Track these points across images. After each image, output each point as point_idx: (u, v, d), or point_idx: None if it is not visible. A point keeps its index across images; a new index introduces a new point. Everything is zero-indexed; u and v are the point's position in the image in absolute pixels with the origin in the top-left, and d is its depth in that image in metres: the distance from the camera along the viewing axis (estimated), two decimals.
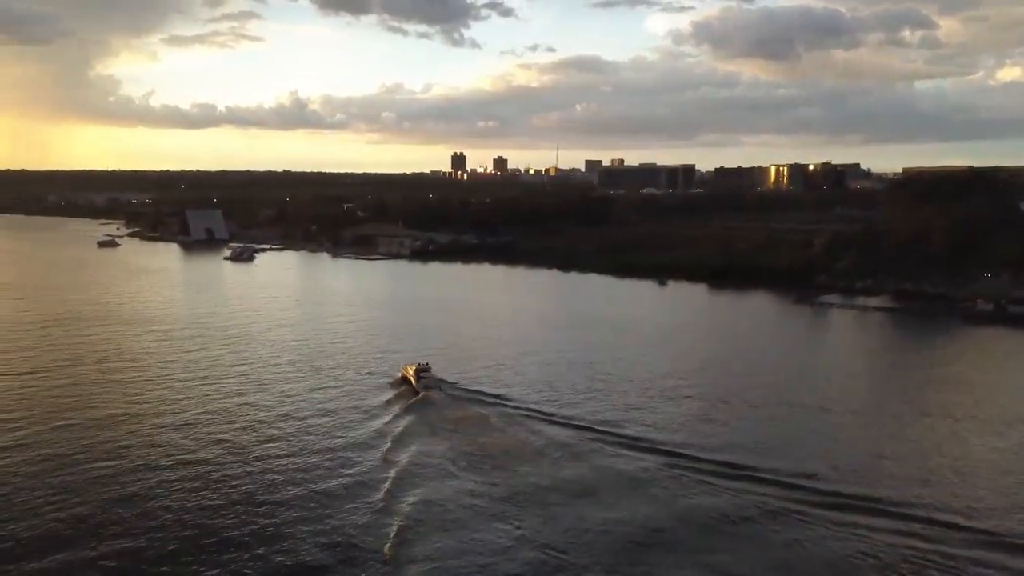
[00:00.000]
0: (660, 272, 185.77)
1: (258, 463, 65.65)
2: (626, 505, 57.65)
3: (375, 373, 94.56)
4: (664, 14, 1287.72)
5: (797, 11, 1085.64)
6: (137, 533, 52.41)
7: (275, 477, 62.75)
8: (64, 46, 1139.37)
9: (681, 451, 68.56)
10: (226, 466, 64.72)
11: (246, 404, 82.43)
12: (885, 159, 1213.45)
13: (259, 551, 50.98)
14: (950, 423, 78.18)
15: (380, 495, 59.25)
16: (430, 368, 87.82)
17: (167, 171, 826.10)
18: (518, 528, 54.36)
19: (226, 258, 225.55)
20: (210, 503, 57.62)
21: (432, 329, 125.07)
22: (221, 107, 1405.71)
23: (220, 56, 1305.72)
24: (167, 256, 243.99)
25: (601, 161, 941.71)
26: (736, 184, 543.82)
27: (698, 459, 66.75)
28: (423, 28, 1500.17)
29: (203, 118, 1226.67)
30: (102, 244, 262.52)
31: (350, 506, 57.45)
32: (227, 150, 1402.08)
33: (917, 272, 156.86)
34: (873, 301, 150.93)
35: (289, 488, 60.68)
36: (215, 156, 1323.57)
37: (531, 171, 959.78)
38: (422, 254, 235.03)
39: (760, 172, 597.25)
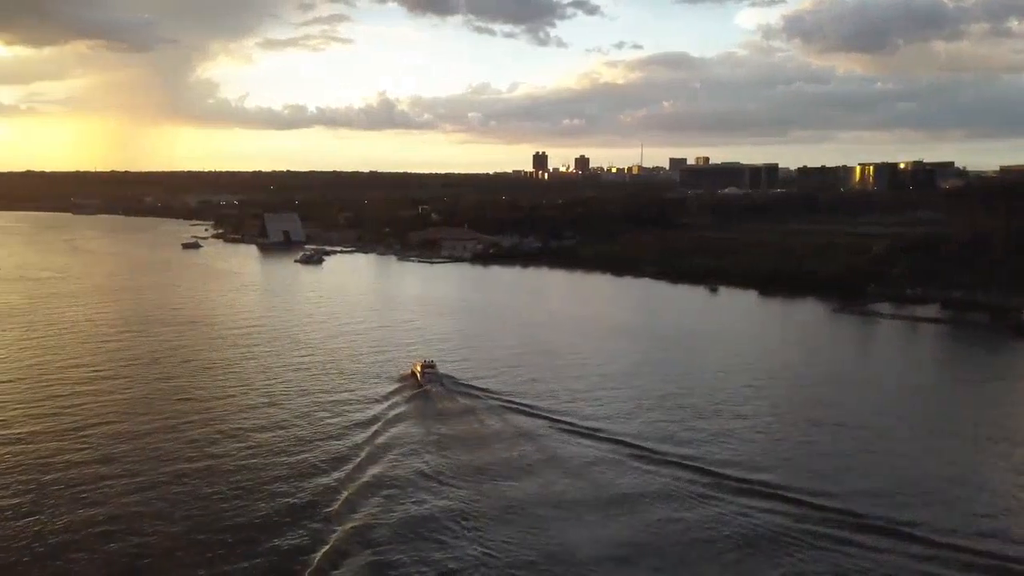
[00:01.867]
0: (713, 278, 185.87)
1: (254, 435, 76.60)
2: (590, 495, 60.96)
3: (391, 369, 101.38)
4: (754, 9, 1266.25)
5: (895, 1, 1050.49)
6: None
7: (261, 444, 73.69)
8: (166, 52, 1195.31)
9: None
10: (224, 434, 76.79)
11: (267, 388, 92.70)
12: (985, 156, 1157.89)
13: (232, 503, 60.92)
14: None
15: (351, 466, 68.38)
16: (435, 365, 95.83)
17: (259, 172, 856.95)
18: (453, 495, 62.80)
19: (296, 260, 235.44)
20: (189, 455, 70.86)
21: (459, 333, 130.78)
22: (312, 108, 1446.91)
23: (311, 58, 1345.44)
24: (243, 258, 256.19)
25: (686, 159, 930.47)
26: (820, 184, 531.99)
27: (707, 471, 68.15)
28: (509, 28, 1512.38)
29: (295, 119, 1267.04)
30: (186, 246, 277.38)
31: (321, 474, 67.08)
32: (317, 150, 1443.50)
33: (973, 282, 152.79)
34: (923, 311, 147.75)
35: (272, 455, 70.96)
36: (305, 156, 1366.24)
37: (613, 170, 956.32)
38: (483, 258, 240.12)
39: (845, 171, 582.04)
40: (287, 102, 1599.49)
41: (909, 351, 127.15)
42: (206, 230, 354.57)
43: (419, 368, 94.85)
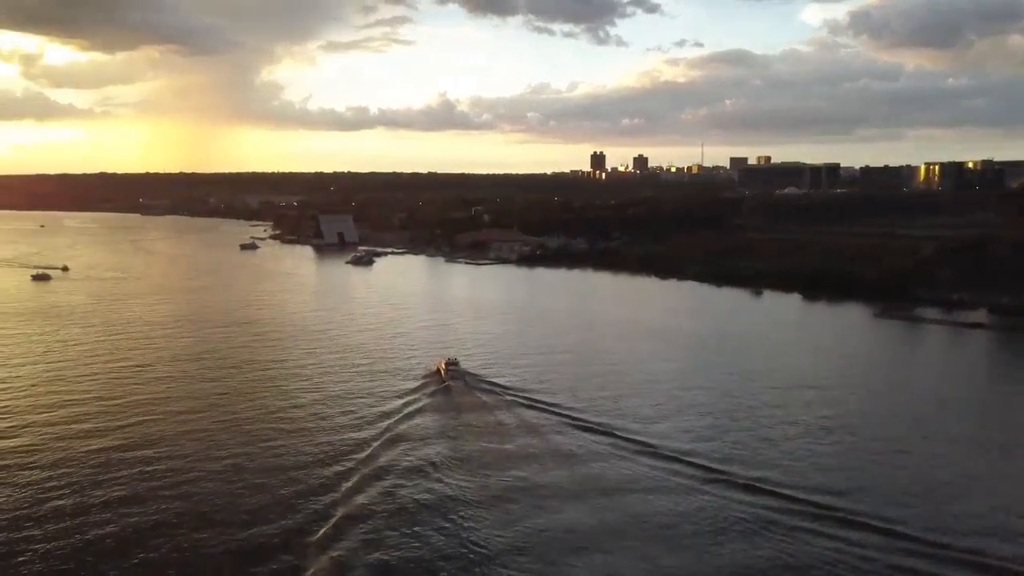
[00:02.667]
0: (757, 280, 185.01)
1: (282, 425, 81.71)
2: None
3: (419, 367, 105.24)
4: (819, 4, 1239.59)
5: None
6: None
7: (286, 434, 78.70)
8: (233, 55, 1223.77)
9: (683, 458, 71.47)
10: (257, 418, 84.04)
11: (300, 384, 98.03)
12: None
13: (253, 483, 65.92)
14: None
15: (364, 454, 72.54)
16: (458, 363, 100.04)
17: (320, 173, 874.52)
18: (454, 483, 66.09)
19: (347, 262, 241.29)
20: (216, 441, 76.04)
21: (490, 333, 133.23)
22: (374, 109, 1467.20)
23: (373, 60, 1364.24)
24: (297, 260, 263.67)
25: (747, 159, 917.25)
26: (882, 184, 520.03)
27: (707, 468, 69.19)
28: (568, 27, 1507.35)
29: (357, 120, 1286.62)
30: (244, 247, 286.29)
31: (337, 459, 71.37)
32: (378, 152, 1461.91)
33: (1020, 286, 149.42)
34: (968, 316, 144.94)
35: (296, 444, 75.58)
36: (367, 158, 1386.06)
37: (673, 169, 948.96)
38: (529, 259, 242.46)
39: (909, 171, 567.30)
40: (349, 104, 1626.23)
41: (947, 358, 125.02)
42: (265, 231, 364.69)
43: (443, 365, 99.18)
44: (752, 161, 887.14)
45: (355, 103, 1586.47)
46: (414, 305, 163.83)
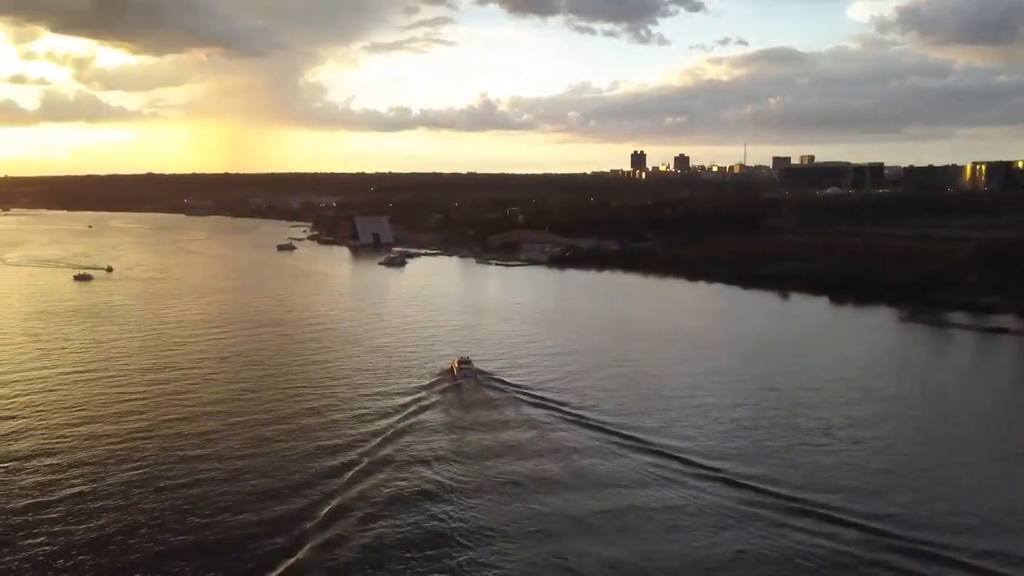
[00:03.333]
0: (785, 283, 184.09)
1: (296, 418, 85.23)
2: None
3: (433, 366, 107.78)
4: (867, 1, 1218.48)
5: None
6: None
7: (300, 427, 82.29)
8: (278, 57, 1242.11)
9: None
10: (264, 412, 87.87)
11: (316, 381, 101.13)
12: None
13: (263, 470, 69.98)
14: None
15: (369, 446, 75.67)
16: (470, 361, 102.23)
17: (362, 173, 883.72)
18: (449, 474, 69.05)
19: (380, 263, 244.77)
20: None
21: (504, 333, 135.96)
22: (415, 110, 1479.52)
23: (415, 60, 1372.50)
24: (331, 261, 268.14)
25: (789, 158, 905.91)
26: (927, 184, 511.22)
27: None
28: (609, 27, 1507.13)
29: (399, 121, 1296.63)
30: (280, 248, 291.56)
31: (342, 451, 74.52)
32: (419, 152, 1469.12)
33: None
34: (996, 321, 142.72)
35: (306, 436, 79.13)
36: (408, 158, 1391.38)
37: (714, 168, 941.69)
38: (559, 261, 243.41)
39: (955, 170, 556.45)
40: (392, 104, 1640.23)
41: (966, 363, 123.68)
42: (304, 231, 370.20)
43: (456, 364, 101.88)
44: (795, 161, 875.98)
45: (397, 104, 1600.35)
46: (439, 307, 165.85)
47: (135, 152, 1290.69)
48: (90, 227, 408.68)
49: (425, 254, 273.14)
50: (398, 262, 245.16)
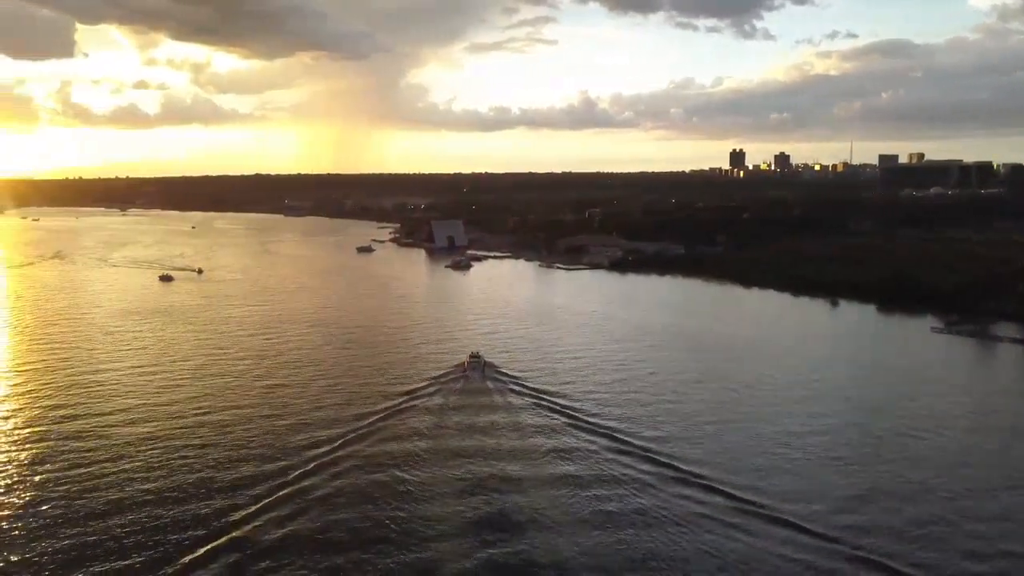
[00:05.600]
0: (835, 290, 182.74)
1: (301, 405, 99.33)
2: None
3: (451, 361, 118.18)
4: None
5: None
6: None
7: (304, 412, 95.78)
8: (381, 59, 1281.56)
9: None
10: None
11: (336, 376, 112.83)
12: None
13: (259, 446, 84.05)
14: None
15: (368, 421, 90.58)
16: (480, 356, 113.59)
17: (458, 174, 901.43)
18: (425, 456, 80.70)
19: (447, 266, 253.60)
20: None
21: (530, 335, 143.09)
22: (515, 109, 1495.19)
23: (516, 60, 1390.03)
24: (404, 263, 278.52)
25: (897, 156, 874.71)
26: None
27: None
28: (712, 22, 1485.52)
29: (499, 121, 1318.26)
30: (360, 250, 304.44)
31: (335, 426, 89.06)
32: (519, 152, 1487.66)
33: None
34: None
35: (306, 420, 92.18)
36: (507, 157, 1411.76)
37: (817, 167, 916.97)
38: (621, 264, 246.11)
39: None
40: (492, 104, 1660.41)
41: (990, 375, 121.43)
42: (391, 233, 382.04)
43: (468, 359, 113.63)
44: (903, 159, 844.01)
45: (497, 103, 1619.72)
46: (484, 310, 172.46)
47: (245, 153, 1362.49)
48: (193, 228, 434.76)
49: (493, 257, 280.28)
50: (463, 265, 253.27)
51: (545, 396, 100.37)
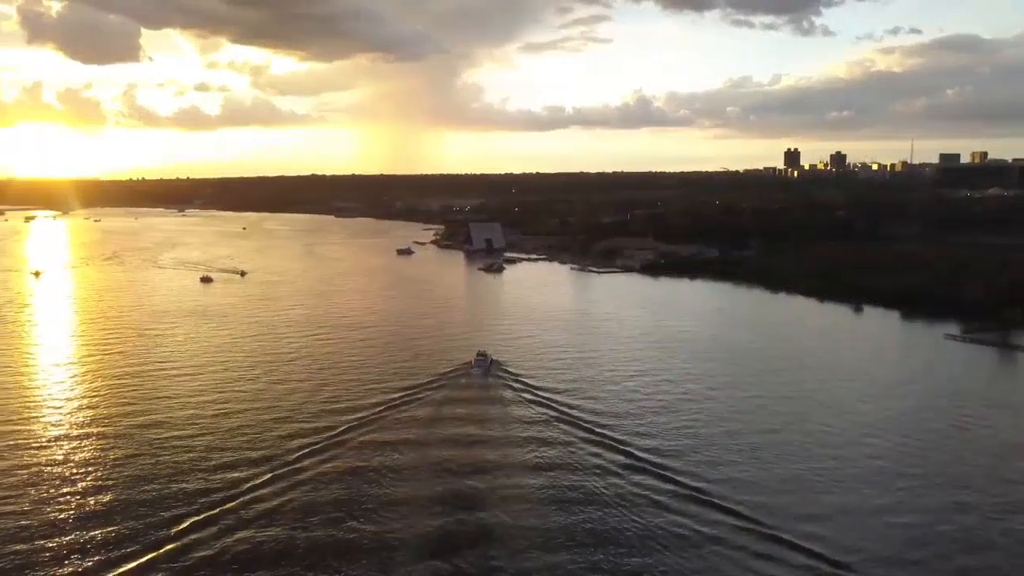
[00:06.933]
0: (859, 297, 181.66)
1: (313, 394, 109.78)
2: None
3: (460, 359, 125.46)
4: None
5: None
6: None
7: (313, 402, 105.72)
8: (437, 61, 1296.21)
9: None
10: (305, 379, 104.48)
11: (352, 371, 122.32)
12: None
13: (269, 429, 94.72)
14: None
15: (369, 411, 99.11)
16: (486, 354, 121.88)
17: (509, 174, 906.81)
18: (413, 441, 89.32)
19: (480, 268, 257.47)
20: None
21: (541, 337, 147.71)
22: (569, 109, 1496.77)
23: (570, 59, 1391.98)
24: (441, 266, 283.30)
25: (959, 155, 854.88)
26: None
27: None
28: (770, 19, 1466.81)
29: (553, 120, 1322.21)
30: (400, 252, 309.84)
31: (337, 413, 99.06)
32: (572, 151, 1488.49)
33: None
34: None
35: (311, 410, 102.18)
36: (560, 157, 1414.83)
37: (875, 166, 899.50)
38: (653, 268, 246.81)
39: None
40: (546, 104, 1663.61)
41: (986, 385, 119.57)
42: (435, 234, 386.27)
43: (474, 356, 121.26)
44: (965, 157, 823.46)
45: (551, 103, 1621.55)
46: (503, 313, 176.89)
47: (302, 154, 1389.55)
48: (244, 229, 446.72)
49: (529, 260, 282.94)
50: (496, 268, 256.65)
51: (540, 391, 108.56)
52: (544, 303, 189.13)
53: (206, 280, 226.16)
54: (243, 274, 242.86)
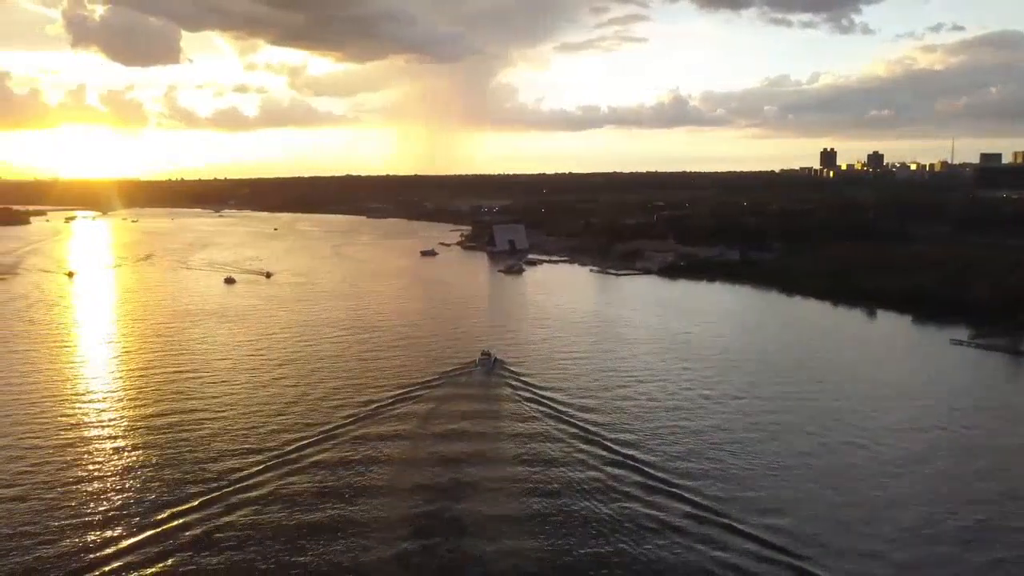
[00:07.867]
0: (870, 300, 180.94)
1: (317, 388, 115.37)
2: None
3: (465, 358, 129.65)
4: None
5: None
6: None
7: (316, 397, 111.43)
8: (471, 61, 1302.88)
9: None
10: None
11: (362, 366, 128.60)
12: None
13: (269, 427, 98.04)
14: None
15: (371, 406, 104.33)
16: (490, 354, 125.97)
17: (542, 174, 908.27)
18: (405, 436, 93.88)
19: (499, 270, 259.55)
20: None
21: (545, 339, 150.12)
22: (604, 108, 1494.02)
23: (604, 59, 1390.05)
24: (463, 268, 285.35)
25: (1000, 155, 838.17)
26: None
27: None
28: (807, 17, 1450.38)
29: (587, 120, 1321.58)
30: (424, 253, 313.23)
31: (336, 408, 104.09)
32: (606, 151, 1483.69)
33: None
34: None
35: (313, 406, 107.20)
36: (594, 156, 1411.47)
37: (913, 166, 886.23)
38: (671, 270, 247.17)
39: None
40: (580, 103, 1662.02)
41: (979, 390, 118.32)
42: (461, 235, 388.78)
43: (479, 356, 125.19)
44: (1007, 157, 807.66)
45: (585, 103, 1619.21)
46: (517, 314, 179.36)
47: (337, 154, 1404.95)
48: (275, 230, 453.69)
49: (550, 261, 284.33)
50: (516, 270, 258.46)
51: (537, 389, 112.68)
52: (557, 306, 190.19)
53: (229, 281, 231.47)
54: (269, 275, 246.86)
